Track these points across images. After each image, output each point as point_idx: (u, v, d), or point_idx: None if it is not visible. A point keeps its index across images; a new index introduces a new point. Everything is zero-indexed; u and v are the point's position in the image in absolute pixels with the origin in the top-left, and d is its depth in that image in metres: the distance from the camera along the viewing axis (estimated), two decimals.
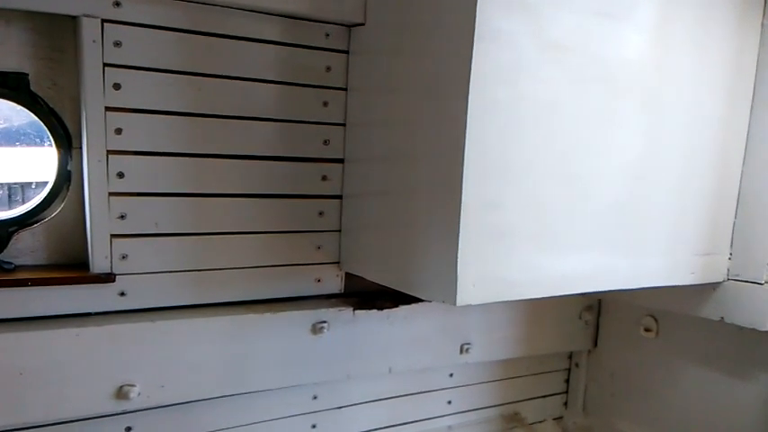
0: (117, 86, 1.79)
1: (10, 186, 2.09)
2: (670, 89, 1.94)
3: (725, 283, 2.18)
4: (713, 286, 2.20)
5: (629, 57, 1.84)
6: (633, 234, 1.95)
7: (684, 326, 2.50)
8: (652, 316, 2.62)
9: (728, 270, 2.18)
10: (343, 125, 2.16)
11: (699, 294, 2.24)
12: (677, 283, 2.08)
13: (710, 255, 2.13)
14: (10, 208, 1.92)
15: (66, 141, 1.86)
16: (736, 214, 2.17)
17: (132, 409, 1.98)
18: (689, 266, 2.09)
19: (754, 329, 2.10)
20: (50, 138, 1.85)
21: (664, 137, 1.96)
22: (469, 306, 1.69)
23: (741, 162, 2.15)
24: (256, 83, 1.98)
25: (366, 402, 2.48)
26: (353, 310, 2.25)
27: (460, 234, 1.62)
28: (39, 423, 1.88)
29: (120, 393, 1.90)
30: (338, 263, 2.26)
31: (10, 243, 1.85)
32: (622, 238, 1.93)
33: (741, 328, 2.16)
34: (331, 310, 2.21)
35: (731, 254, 2.18)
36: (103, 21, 1.73)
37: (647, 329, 2.64)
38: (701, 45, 1.98)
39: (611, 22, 1.77)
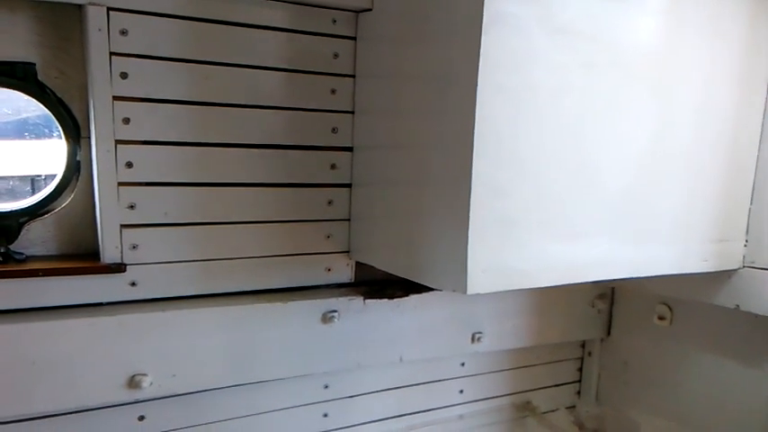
0: (124, 75, 1.78)
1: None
2: (682, 74, 1.90)
3: (740, 270, 2.15)
4: (728, 273, 2.17)
5: (641, 42, 1.80)
6: (644, 221, 1.93)
7: (699, 314, 2.47)
8: (666, 304, 2.60)
9: (744, 257, 2.15)
10: (352, 113, 2.14)
11: (714, 282, 2.21)
12: (690, 271, 2.05)
13: (725, 242, 2.10)
14: (18, 199, 1.93)
15: (75, 131, 1.87)
16: (751, 200, 2.13)
17: (144, 398, 1.99)
18: (702, 254, 2.06)
19: None
20: (59, 128, 1.85)
21: (676, 123, 1.92)
22: (481, 295, 1.68)
23: (757, 147, 2.11)
24: (263, 70, 1.97)
25: (377, 391, 2.48)
26: (364, 299, 2.24)
27: (470, 222, 1.60)
28: (51, 413, 1.89)
29: (133, 383, 1.91)
30: (348, 252, 2.25)
31: (21, 233, 1.86)
32: (634, 226, 1.91)
33: (757, 316, 2.14)
34: (341, 299, 2.20)
35: (747, 240, 2.14)
36: (109, 9, 1.72)
37: (660, 317, 2.61)
38: (715, 29, 1.94)
39: (622, 5, 1.74)
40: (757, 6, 1.99)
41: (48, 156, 1.92)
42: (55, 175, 1.90)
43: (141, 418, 2.05)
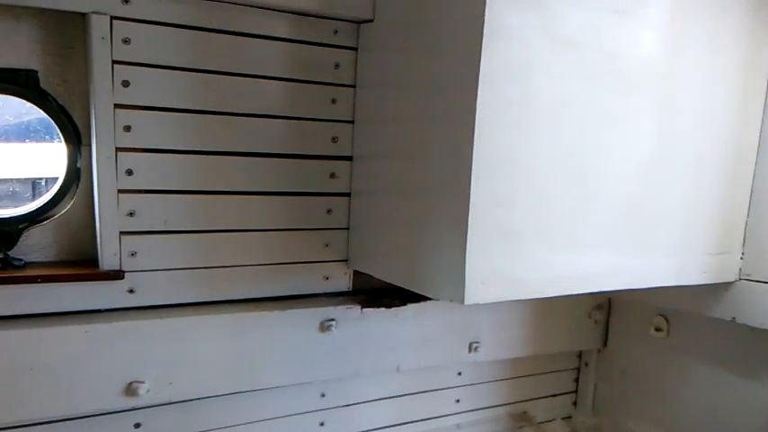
0: (126, 84, 1.79)
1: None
2: (682, 87, 1.92)
3: (737, 282, 2.16)
4: (725, 286, 2.18)
5: (642, 54, 1.82)
6: (643, 233, 1.94)
7: (695, 326, 2.48)
8: (663, 315, 2.60)
9: (740, 270, 2.16)
10: (352, 122, 2.15)
11: (710, 294, 2.22)
12: (688, 283, 2.06)
13: (722, 254, 2.11)
14: (18, 203, 1.93)
15: (76, 138, 1.87)
16: (748, 213, 2.14)
17: (141, 405, 1.99)
18: (700, 266, 2.07)
19: (765, 330, 2.09)
20: (60, 135, 1.86)
21: (675, 135, 1.94)
22: (478, 305, 1.68)
23: (754, 161, 2.12)
24: (265, 80, 1.98)
25: (374, 400, 2.48)
26: (361, 308, 2.24)
27: (469, 232, 1.61)
28: (49, 419, 1.89)
29: (129, 390, 1.91)
30: (346, 260, 2.25)
31: (20, 240, 1.86)
32: (632, 238, 1.92)
33: (753, 329, 2.14)
34: (339, 307, 2.21)
35: (743, 253, 2.16)
36: (112, 18, 1.73)
37: (657, 329, 2.62)
38: (715, 43, 1.95)
39: (623, 18, 1.76)
40: (757, 20, 2.01)
41: (49, 159, 1.93)
42: (56, 178, 1.90)
43: (137, 425, 2.04)
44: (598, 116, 1.78)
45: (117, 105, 1.79)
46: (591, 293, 1.92)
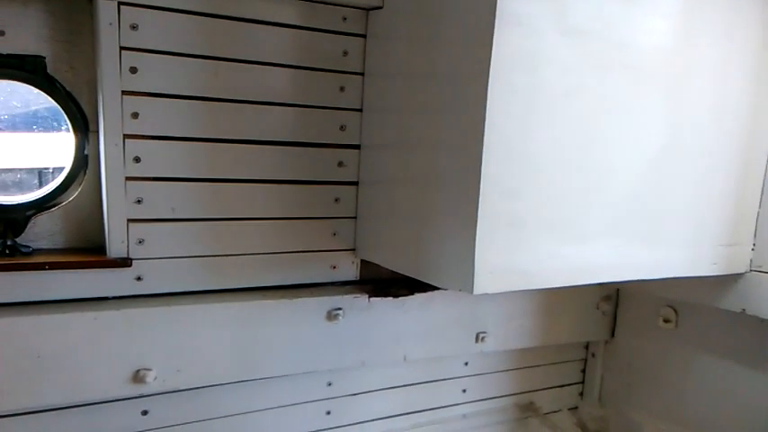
0: (133, 70, 1.78)
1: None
2: (694, 77, 1.90)
3: (747, 274, 2.15)
4: (735, 277, 2.16)
5: (653, 43, 1.80)
6: (653, 224, 1.92)
7: (704, 317, 2.47)
8: (671, 306, 2.59)
9: (751, 261, 2.14)
10: (360, 111, 2.14)
11: (720, 285, 2.20)
12: (699, 274, 2.04)
13: (733, 245, 2.09)
14: (25, 192, 1.93)
15: (83, 125, 1.87)
16: (760, 204, 2.12)
17: (148, 393, 2.00)
18: (711, 257, 2.05)
19: None
20: (67, 121, 1.86)
21: (686, 126, 1.92)
22: (486, 294, 1.68)
23: (766, 152, 2.10)
24: (273, 67, 1.97)
25: (381, 390, 2.48)
26: (369, 297, 2.24)
27: (479, 222, 1.60)
28: (56, 406, 1.90)
29: (137, 377, 1.91)
30: (354, 250, 2.25)
31: (28, 227, 1.86)
32: (642, 229, 1.90)
33: (762, 320, 2.13)
34: (346, 296, 2.20)
35: (754, 245, 2.14)
36: (120, 3, 1.72)
37: (665, 320, 2.61)
38: (727, 32, 1.93)
39: (634, 7, 1.74)
40: None
41: (56, 148, 1.92)
42: (62, 168, 1.90)
43: (145, 412, 2.05)
44: (608, 106, 1.76)
45: (125, 92, 1.78)
46: (599, 284, 1.91)
